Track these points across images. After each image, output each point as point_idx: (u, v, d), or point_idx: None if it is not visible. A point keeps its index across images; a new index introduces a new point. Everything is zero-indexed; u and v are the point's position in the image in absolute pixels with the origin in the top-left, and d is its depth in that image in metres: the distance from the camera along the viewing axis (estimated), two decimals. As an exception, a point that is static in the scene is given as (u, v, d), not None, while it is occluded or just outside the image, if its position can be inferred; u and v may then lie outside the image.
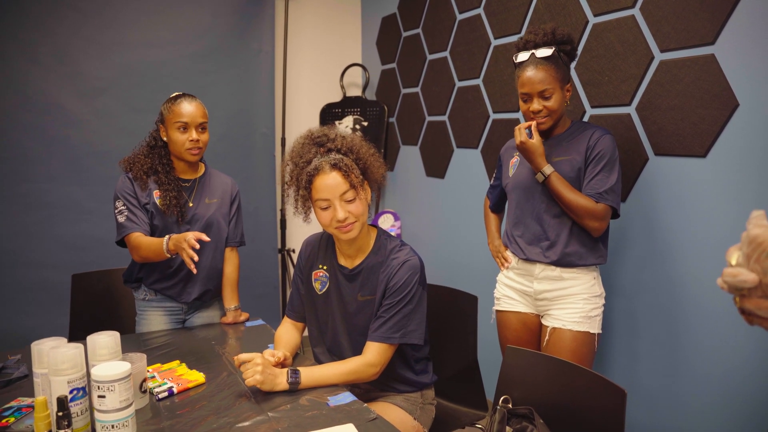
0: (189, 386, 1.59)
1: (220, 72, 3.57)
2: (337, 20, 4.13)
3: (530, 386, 1.59)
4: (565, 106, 1.95)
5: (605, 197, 1.87)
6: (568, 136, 1.98)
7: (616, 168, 1.90)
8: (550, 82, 1.89)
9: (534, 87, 1.90)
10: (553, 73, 1.89)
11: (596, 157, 1.90)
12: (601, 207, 1.87)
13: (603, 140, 1.91)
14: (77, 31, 3.17)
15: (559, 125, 2.00)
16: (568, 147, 1.96)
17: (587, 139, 1.93)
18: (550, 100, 1.91)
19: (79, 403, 1.26)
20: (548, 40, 1.92)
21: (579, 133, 1.97)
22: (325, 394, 1.55)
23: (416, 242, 3.60)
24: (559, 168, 1.93)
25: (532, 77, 1.90)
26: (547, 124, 1.95)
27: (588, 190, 1.89)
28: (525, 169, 2.03)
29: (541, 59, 1.91)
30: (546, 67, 1.89)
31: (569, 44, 1.94)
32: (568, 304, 1.95)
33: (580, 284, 1.95)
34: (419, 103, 3.54)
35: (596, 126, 1.97)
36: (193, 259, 1.83)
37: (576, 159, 1.93)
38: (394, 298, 1.67)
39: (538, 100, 1.92)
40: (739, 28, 1.79)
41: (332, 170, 1.63)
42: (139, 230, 2.07)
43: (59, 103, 3.15)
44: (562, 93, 1.93)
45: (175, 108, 2.10)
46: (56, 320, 2.86)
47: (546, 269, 1.98)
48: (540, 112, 1.93)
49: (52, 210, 3.15)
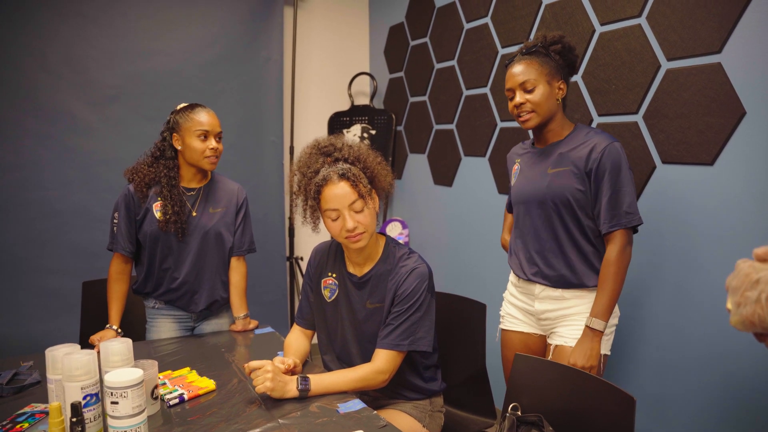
0: (200, 393, 1.61)
1: (229, 81, 3.60)
2: (345, 29, 4.16)
3: (539, 393, 1.59)
4: (556, 104, 1.85)
5: (620, 222, 1.74)
6: (567, 143, 1.86)
7: (625, 180, 1.75)
8: (532, 73, 1.81)
9: (515, 79, 1.84)
10: (536, 66, 1.82)
11: (600, 173, 1.76)
12: (621, 235, 1.75)
13: (607, 152, 1.75)
14: (89, 41, 3.21)
15: (555, 129, 1.88)
16: (568, 156, 1.83)
17: (589, 150, 1.78)
18: (533, 93, 1.81)
19: (92, 409, 1.28)
20: (539, 43, 1.87)
21: (579, 142, 1.83)
22: (335, 401, 1.56)
23: (424, 250, 3.61)
24: (561, 179, 1.82)
25: (514, 71, 1.85)
26: (532, 122, 1.84)
27: (601, 222, 1.77)
28: (524, 179, 1.95)
29: (525, 54, 1.86)
30: (529, 61, 1.84)
31: (559, 44, 1.85)
32: (573, 322, 1.84)
33: (587, 302, 1.83)
34: (427, 111, 3.56)
35: (599, 132, 1.83)
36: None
37: (577, 169, 1.79)
38: (402, 306, 1.68)
39: (520, 93, 1.84)
40: (745, 37, 1.80)
41: (340, 180, 1.64)
42: (122, 252, 2.17)
43: (71, 111, 3.18)
44: (549, 88, 1.83)
45: (195, 116, 2.11)
46: (66, 327, 2.88)
47: (546, 289, 1.89)
48: (523, 105, 1.84)
49: (63, 217, 3.18)
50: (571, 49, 1.89)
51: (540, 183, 1.87)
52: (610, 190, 1.75)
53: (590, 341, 1.74)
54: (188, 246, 2.17)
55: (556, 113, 1.87)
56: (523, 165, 1.99)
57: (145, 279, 2.21)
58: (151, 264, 2.18)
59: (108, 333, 2.07)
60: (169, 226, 2.11)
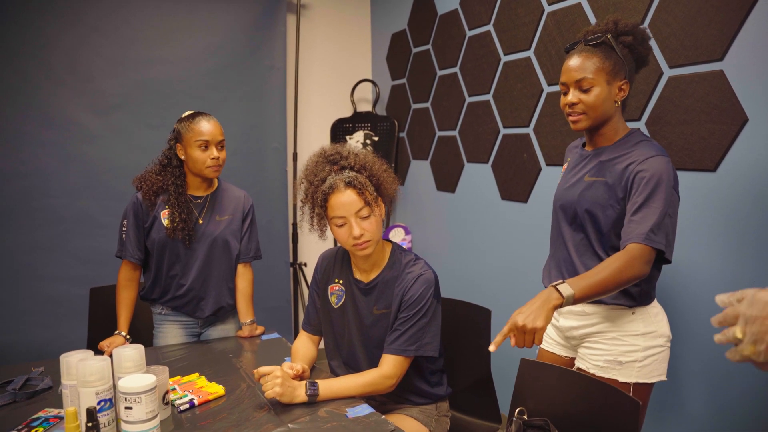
0: (209, 398, 1.63)
1: (232, 88, 3.63)
2: (347, 37, 4.20)
3: (545, 398, 1.60)
4: (613, 106, 1.63)
5: (649, 237, 1.48)
6: (612, 150, 1.66)
7: (661, 198, 1.50)
8: (591, 71, 1.59)
9: (571, 75, 1.63)
10: (598, 62, 1.60)
11: (636, 183, 1.54)
12: (636, 249, 1.48)
13: (648, 162, 1.54)
14: (93, 49, 3.24)
15: (607, 133, 1.68)
16: (607, 165, 1.64)
17: (629, 162, 1.58)
18: (588, 94, 1.61)
19: (106, 414, 1.30)
20: (608, 29, 1.64)
21: (623, 151, 1.63)
22: (344, 406, 1.58)
23: (427, 256, 3.62)
24: (593, 191, 1.64)
25: (570, 64, 1.63)
26: (582, 124, 1.65)
27: (626, 233, 1.53)
28: (563, 183, 1.79)
29: (588, 46, 1.63)
30: (589, 55, 1.61)
31: (630, 35, 1.62)
32: (595, 344, 1.67)
33: (609, 323, 1.64)
34: (429, 118, 3.59)
35: (650, 143, 1.62)
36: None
37: (612, 181, 1.60)
38: (409, 312, 1.70)
39: (574, 92, 1.63)
40: (747, 44, 1.82)
41: (347, 188, 1.66)
42: (131, 259, 2.19)
43: (76, 119, 3.21)
44: (608, 88, 1.61)
45: (195, 126, 2.12)
46: (72, 333, 2.90)
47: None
48: (575, 105, 1.63)
49: (69, 225, 3.21)
50: (643, 41, 1.66)
51: (575, 190, 1.71)
52: (639, 203, 1.53)
53: (542, 301, 1.43)
54: (195, 253, 2.19)
55: (612, 116, 1.66)
56: (570, 166, 1.82)
57: (152, 285, 2.23)
58: (159, 271, 2.20)
59: (117, 339, 2.09)
60: (177, 234, 2.13)
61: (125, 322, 2.16)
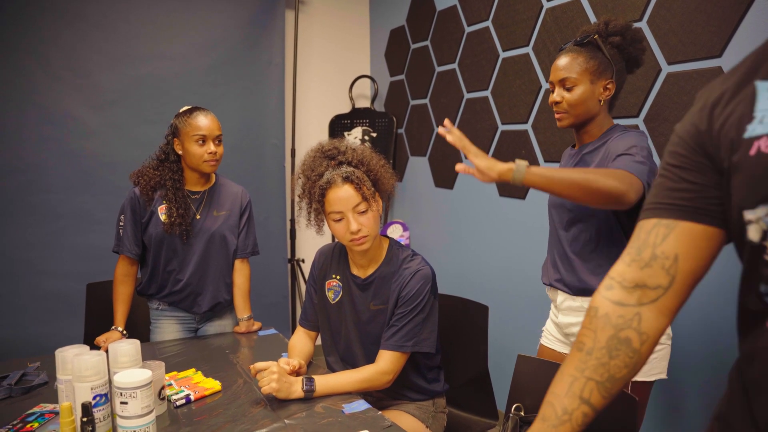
0: (206, 394, 1.62)
1: (230, 84, 3.62)
2: (346, 33, 4.18)
3: (542, 394, 1.59)
4: (597, 105, 1.66)
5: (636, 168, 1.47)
6: (593, 144, 1.70)
7: (643, 159, 1.50)
8: (575, 70, 1.63)
9: (556, 74, 1.67)
10: (583, 62, 1.63)
11: (614, 154, 1.56)
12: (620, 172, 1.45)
13: (623, 137, 1.59)
14: (92, 44, 3.22)
15: (592, 131, 1.71)
16: (587, 159, 1.69)
17: (608, 146, 1.62)
18: (571, 92, 1.64)
19: (101, 409, 1.30)
20: (599, 30, 1.67)
21: (604, 140, 1.67)
22: (340, 402, 1.58)
23: (425, 252, 3.62)
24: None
25: (557, 63, 1.67)
26: (565, 122, 1.68)
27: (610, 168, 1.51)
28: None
29: (575, 46, 1.67)
30: (576, 55, 1.65)
31: (619, 35, 1.65)
32: None
33: None
34: (428, 114, 3.58)
35: (630, 130, 1.66)
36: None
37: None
38: (406, 308, 1.69)
39: (558, 90, 1.67)
40: (745, 41, 1.82)
41: (344, 183, 1.66)
42: (128, 254, 2.19)
43: (73, 114, 3.20)
44: (592, 88, 1.63)
45: (192, 121, 2.12)
46: (69, 329, 2.89)
47: (567, 299, 1.75)
48: (559, 104, 1.67)
49: (66, 220, 3.19)
50: (633, 43, 1.68)
51: None
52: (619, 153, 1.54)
53: (495, 163, 1.49)
54: (192, 248, 2.19)
55: (596, 115, 1.68)
56: (561, 165, 1.87)
57: (149, 280, 2.23)
58: (156, 266, 2.20)
59: (114, 334, 2.09)
60: (174, 229, 2.13)
61: (122, 318, 2.16)
